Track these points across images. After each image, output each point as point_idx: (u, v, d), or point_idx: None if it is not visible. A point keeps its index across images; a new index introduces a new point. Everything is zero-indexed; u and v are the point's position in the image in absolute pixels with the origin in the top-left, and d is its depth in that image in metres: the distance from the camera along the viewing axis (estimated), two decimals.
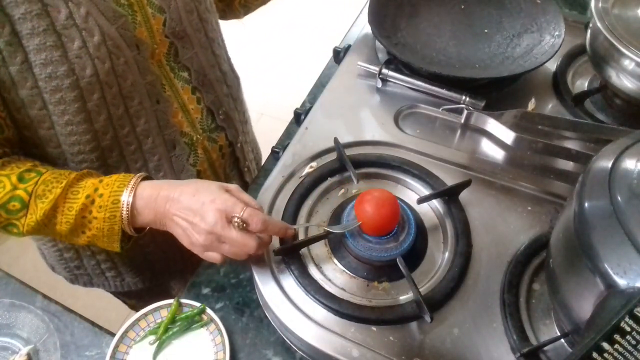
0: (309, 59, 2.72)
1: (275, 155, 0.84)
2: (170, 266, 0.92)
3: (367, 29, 0.98)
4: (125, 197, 0.61)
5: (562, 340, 0.59)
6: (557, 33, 0.88)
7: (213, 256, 0.61)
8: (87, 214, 0.62)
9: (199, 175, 0.83)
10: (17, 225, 0.63)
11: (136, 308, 1.08)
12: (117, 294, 1.02)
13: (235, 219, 0.58)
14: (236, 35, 2.77)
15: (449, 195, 0.71)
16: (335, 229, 0.65)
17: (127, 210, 0.61)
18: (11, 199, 0.61)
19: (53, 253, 0.88)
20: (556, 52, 0.84)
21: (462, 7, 1.00)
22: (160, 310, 0.66)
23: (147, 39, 0.68)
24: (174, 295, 1.01)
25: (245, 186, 0.96)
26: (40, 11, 0.57)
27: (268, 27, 2.84)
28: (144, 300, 1.02)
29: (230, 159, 0.91)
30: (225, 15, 0.96)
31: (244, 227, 0.59)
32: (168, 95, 0.74)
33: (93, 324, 0.70)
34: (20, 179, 0.61)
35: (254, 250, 0.60)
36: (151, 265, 0.91)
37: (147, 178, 0.65)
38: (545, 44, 0.87)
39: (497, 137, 0.82)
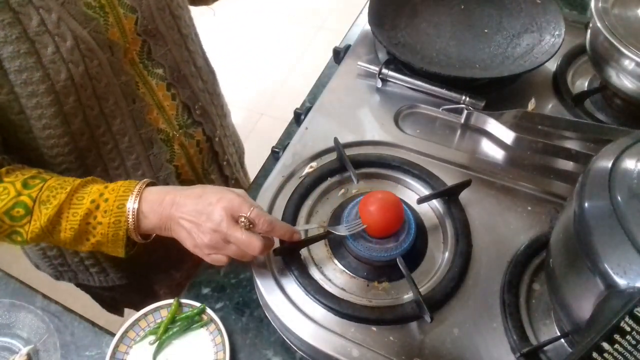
0: (309, 59, 2.73)
1: (275, 155, 0.84)
2: (154, 261, 0.92)
3: (367, 29, 0.98)
4: (131, 204, 0.61)
5: (562, 340, 0.59)
6: (557, 33, 0.88)
7: (218, 258, 0.61)
8: (92, 219, 0.62)
9: (177, 170, 0.83)
10: (21, 233, 0.62)
11: (118, 306, 1.09)
12: (102, 289, 1.01)
13: (242, 219, 0.58)
14: (236, 35, 2.78)
15: (449, 195, 0.72)
16: (340, 232, 0.65)
17: (134, 216, 0.61)
18: (15, 205, 0.61)
19: (36, 252, 0.88)
20: (556, 51, 0.84)
21: (462, 7, 1.00)
22: (160, 310, 0.66)
23: (120, 40, 0.68)
24: (158, 291, 1.02)
25: (225, 180, 0.96)
26: (12, 19, 0.57)
27: (268, 27, 2.84)
28: (128, 296, 1.03)
29: (209, 153, 0.90)
30: (194, 2, 0.95)
31: (250, 227, 0.59)
32: (142, 93, 0.74)
33: (93, 324, 0.70)
34: (25, 185, 0.62)
35: (259, 252, 0.59)
36: (134, 260, 0.90)
37: (152, 184, 0.65)
38: (546, 43, 0.87)
39: (497, 137, 0.82)
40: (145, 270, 0.94)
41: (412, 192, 0.76)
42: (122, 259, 0.88)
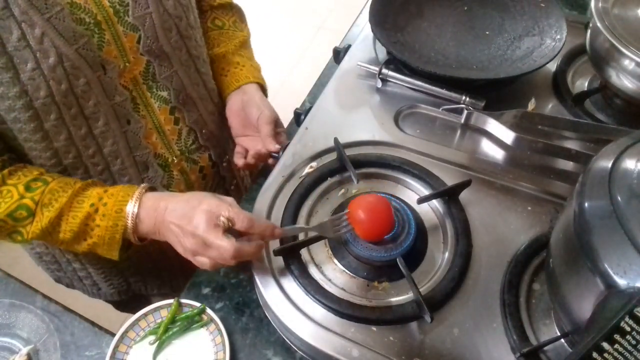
0: (309, 59, 2.73)
1: (274, 159, 0.83)
2: (146, 279, 0.92)
3: (367, 29, 0.98)
4: (130, 208, 0.63)
5: (562, 340, 0.59)
6: (558, 37, 0.88)
7: (202, 261, 0.61)
8: (91, 222, 0.63)
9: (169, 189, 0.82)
10: (21, 233, 0.64)
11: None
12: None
13: (222, 219, 0.59)
14: None
15: (449, 195, 0.71)
16: (326, 233, 0.65)
17: (132, 219, 0.63)
18: (18, 208, 0.61)
19: (34, 255, 0.89)
20: (556, 55, 0.84)
21: (465, 8, 1.00)
22: (160, 310, 0.66)
23: (117, 59, 0.66)
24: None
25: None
26: None
27: (268, 27, 2.84)
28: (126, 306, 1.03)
29: (214, 179, 0.89)
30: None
31: (230, 226, 0.59)
32: (142, 115, 0.72)
33: (93, 324, 0.70)
34: (27, 188, 0.62)
35: (230, 256, 0.58)
36: (125, 278, 0.90)
37: (151, 189, 0.66)
38: (546, 47, 0.87)
39: (497, 137, 0.82)
40: (137, 287, 0.94)
41: (412, 192, 0.76)
42: (112, 275, 0.89)
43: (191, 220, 0.59)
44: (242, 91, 0.85)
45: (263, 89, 0.87)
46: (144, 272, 0.90)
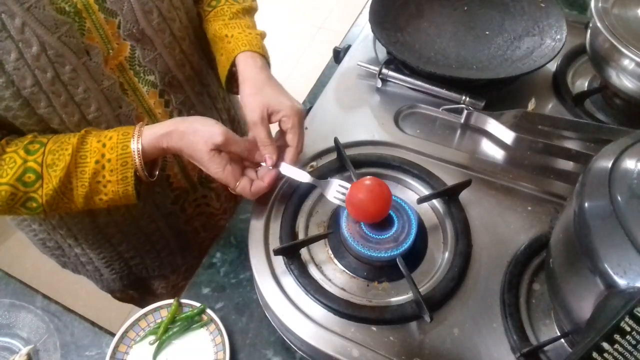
0: (308, 59, 2.73)
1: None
2: (146, 261, 0.92)
3: (367, 29, 0.98)
4: (134, 146, 0.63)
5: (562, 340, 0.59)
6: (558, 37, 0.88)
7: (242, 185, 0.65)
8: (101, 178, 0.64)
9: (169, 180, 0.82)
10: (35, 199, 0.63)
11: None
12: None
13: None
14: None
15: (449, 195, 0.71)
16: (326, 192, 0.68)
17: (139, 157, 0.63)
18: (26, 171, 0.62)
19: (37, 242, 0.89)
20: (556, 55, 0.84)
21: (465, 8, 1.00)
22: (160, 310, 0.66)
23: (100, 45, 0.66)
24: (155, 291, 1.02)
25: (226, 186, 0.94)
26: None
27: (268, 27, 2.84)
28: (127, 294, 1.04)
29: None
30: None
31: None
32: (131, 100, 0.72)
33: (93, 324, 0.70)
34: (27, 151, 0.62)
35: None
36: (126, 262, 0.91)
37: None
38: (546, 47, 0.87)
39: (497, 137, 0.82)
40: (138, 272, 0.94)
41: (412, 192, 0.76)
42: (114, 260, 0.89)
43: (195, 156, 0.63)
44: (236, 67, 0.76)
45: (263, 57, 0.76)
46: (143, 254, 0.90)
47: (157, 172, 0.69)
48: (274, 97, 0.67)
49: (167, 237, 0.89)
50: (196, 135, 0.62)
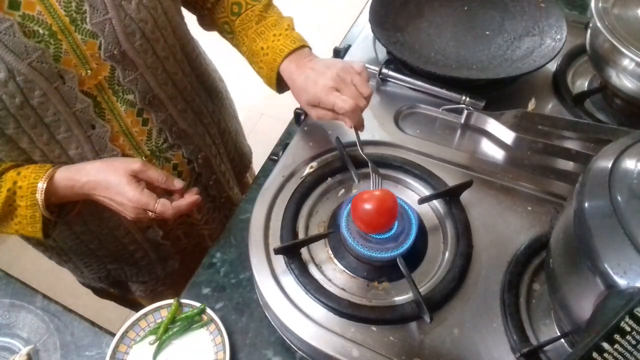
0: None
1: (273, 161, 0.83)
2: (124, 267, 0.93)
3: (367, 29, 0.98)
4: (41, 185, 0.65)
5: (562, 340, 0.59)
6: (558, 37, 0.88)
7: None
8: (12, 202, 0.67)
9: None
10: None
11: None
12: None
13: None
14: None
15: (450, 196, 0.71)
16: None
17: (41, 195, 0.65)
18: None
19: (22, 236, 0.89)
20: (556, 55, 0.84)
21: (465, 8, 1.00)
22: (160, 310, 0.66)
23: (77, 67, 0.65)
24: (136, 296, 1.02)
25: (212, 199, 0.93)
26: None
27: None
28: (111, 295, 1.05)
29: (191, 175, 0.86)
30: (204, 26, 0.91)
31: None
32: (108, 120, 0.71)
33: (93, 324, 0.70)
34: None
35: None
36: (104, 265, 0.91)
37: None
38: (546, 47, 0.87)
39: (497, 137, 0.82)
40: (117, 274, 0.94)
41: (412, 192, 0.76)
42: (91, 260, 0.90)
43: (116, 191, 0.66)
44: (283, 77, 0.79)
45: (301, 47, 0.78)
46: (121, 261, 0.91)
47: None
48: (328, 82, 0.71)
49: (145, 248, 0.88)
50: (113, 165, 0.67)
